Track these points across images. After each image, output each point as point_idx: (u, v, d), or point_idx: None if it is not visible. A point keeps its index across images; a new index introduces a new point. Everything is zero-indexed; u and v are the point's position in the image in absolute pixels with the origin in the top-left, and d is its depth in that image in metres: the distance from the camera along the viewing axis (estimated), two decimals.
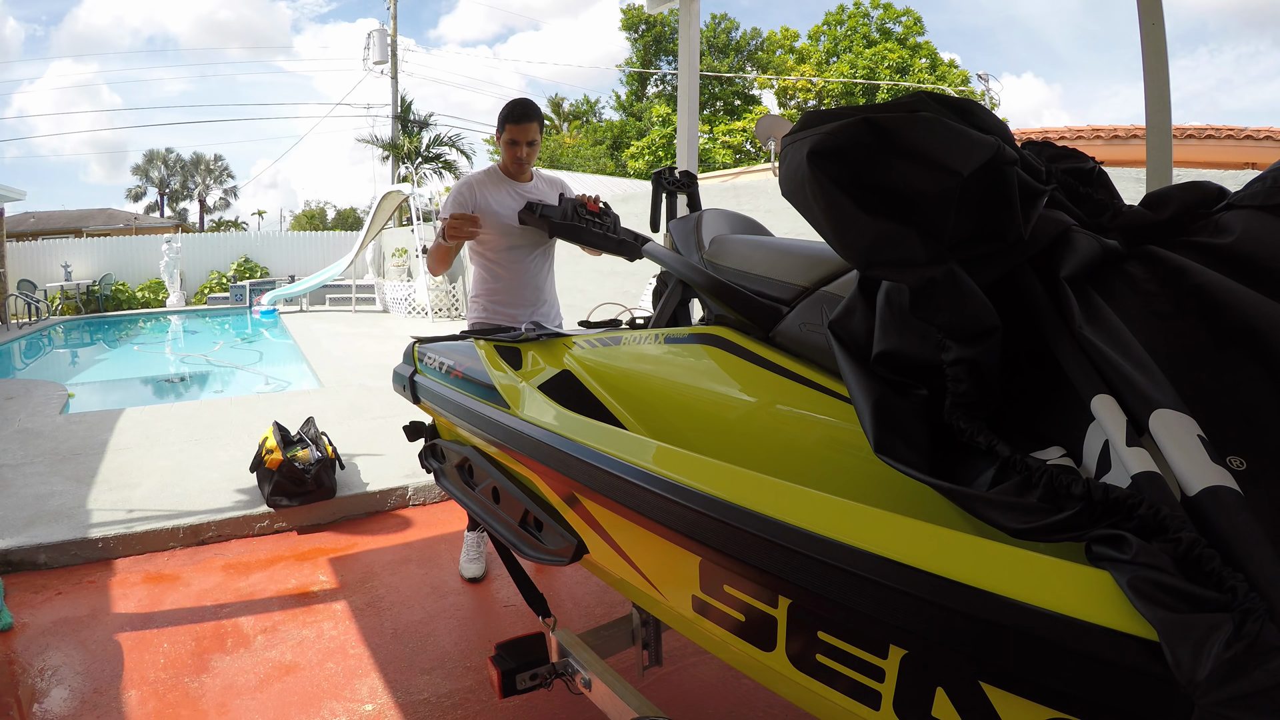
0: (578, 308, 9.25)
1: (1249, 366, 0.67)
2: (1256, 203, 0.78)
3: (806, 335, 1.10)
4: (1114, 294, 0.76)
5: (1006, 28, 54.57)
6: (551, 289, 2.67)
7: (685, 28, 2.94)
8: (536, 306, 2.57)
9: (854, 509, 0.71)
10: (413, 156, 19.49)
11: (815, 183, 0.74)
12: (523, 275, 2.55)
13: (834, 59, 24.10)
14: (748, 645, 0.88)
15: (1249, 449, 0.63)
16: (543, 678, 1.60)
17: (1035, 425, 0.74)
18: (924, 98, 0.78)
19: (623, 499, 0.98)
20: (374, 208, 13.27)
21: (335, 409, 4.99)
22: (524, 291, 2.56)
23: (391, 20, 21.09)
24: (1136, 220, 0.85)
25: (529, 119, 2.44)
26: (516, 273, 2.54)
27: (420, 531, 3.24)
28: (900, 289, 0.81)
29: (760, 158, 19.96)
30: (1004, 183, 0.73)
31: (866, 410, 0.78)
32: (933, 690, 0.67)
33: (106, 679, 2.08)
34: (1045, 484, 0.63)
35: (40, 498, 3.26)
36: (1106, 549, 0.55)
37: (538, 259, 2.58)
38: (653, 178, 2.02)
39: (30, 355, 10.01)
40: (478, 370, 1.47)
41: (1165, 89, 1.84)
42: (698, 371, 1.28)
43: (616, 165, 25.46)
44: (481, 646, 2.28)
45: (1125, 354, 0.68)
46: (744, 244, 1.34)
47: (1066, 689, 0.54)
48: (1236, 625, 0.47)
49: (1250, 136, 7.62)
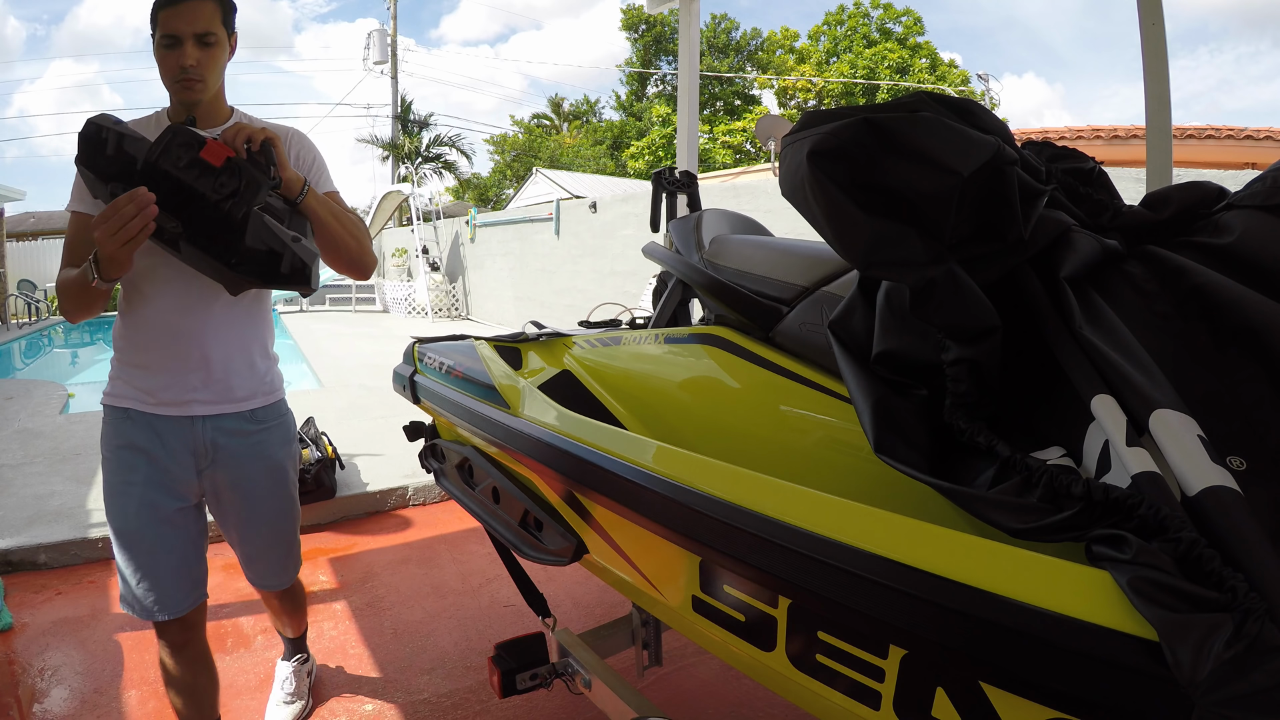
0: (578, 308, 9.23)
1: (1249, 366, 0.67)
2: (1256, 203, 0.78)
3: (806, 335, 1.10)
4: (1114, 294, 0.76)
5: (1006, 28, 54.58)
6: (246, 339, 1.48)
7: (685, 28, 2.94)
8: (193, 372, 1.43)
9: (854, 509, 0.71)
10: (413, 157, 19.49)
11: (815, 183, 0.74)
12: (166, 311, 1.40)
13: (834, 59, 24.09)
14: (748, 645, 0.88)
15: (1249, 449, 0.63)
16: (543, 678, 1.60)
17: (1035, 425, 0.74)
18: (924, 98, 0.78)
19: (623, 499, 0.98)
20: (374, 208, 13.28)
21: (335, 409, 4.99)
22: (165, 342, 1.41)
23: (392, 20, 21.08)
24: (1136, 220, 0.85)
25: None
26: (158, 306, 1.40)
27: (420, 531, 3.24)
28: (900, 289, 0.81)
29: (760, 158, 19.96)
30: (1004, 183, 0.73)
31: (866, 410, 0.78)
32: (933, 690, 0.67)
33: (106, 679, 2.08)
34: (1045, 484, 0.63)
35: (40, 498, 3.26)
36: (1106, 549, 0.55)
37: (195, 278, 1.37)
38: (653, 178, 2.02)
39: (30, 355, 10.01)
40: (478, 370, 1.47)
41: (1165, 89, 1.84)
42: (698, 371, 1.28)
43: (616, 165, 25.46)
44: (481, 646, 2.28)
45: (1125, 354, 0.68)
46: (744, 244, 1.34)
47: (1066, 689, 0.54)
48: (1236, 625, 0.47)
49: (1250, 136, 7.61)
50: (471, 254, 11.86)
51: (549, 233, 9.48)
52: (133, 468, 1.46)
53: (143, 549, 1.47)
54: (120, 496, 1.47)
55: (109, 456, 1.49)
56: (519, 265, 10.34)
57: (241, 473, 1.54)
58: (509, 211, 13.40)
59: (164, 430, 1.46)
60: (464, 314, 12.02)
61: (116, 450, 1.48)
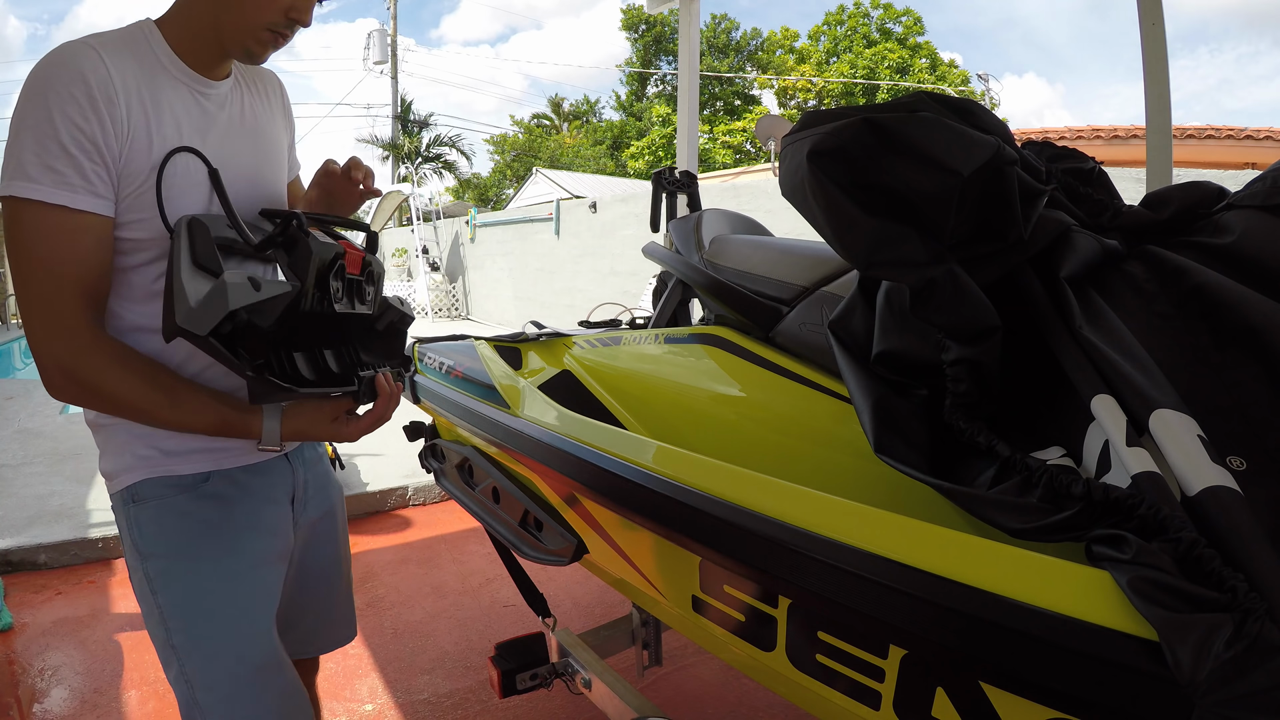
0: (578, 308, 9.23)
1: (1249, 366, 0.67)
2: (1256, 203, 0.78)
3: (806, 335, 1.10)
4: (1114, 294, 0.76)
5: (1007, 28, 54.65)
6: None
7: (685, 28, 2.93)
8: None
9: (854, 509, 0.71)
10: (413, 157, 19.50)
11: (815, 183, 0.74)
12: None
13: (834, 59, 24.09)
14: (748, 645, 0.88)
15: (1249, 449, 0.63)
16: (543, 678, 1.60)
17: (1035, 425, 0.74)
18: (924, 98, 0.78)
19: (623, 499, 0.98)
20: (374, 208, 13.26)
21: None
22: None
23: (392, 20, 21.09)
24: (1136, 220, 0.85)
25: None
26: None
27: (420, 531, 3.24)
28: (900, 289, 0.81)
29: (760, 158, 19.97)
30: (1004, 183, 0.73)
31: (866, 410, 0.78)
32: (933, 690, 0.67)
33: (106, 679, 2.08)
34: (1045, 484, 0.63)
35: (40, 498, 3.26)
36: (1106, 549, 0.55)
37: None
38: (653, 178, 2.02)
39: (30, 355, 10.00)
40: (477, 370, 1.47)
41: (1165, 89, 1.84)
42: (698, 371, 1.28)
43: (616, 165, 25.47)
44: (481, 646, 2.28)
45: (1125, 354, 0.68)
46: (744, 244, 1.34)
47: (1066, 689, 0.54)
48: (1236, 625, 0.47)
49: (1250, 136, 7.61)
50: (471, 254, 11.86)
51: (549, 233, 9.49)
52: (238, 553, 0.98)
53: (288, 676, 1.00)
54: (240, 614, 0.96)
55: (181, 556, 0.94)
56: (519, 265, 10.35)
57: (328, 504, 1.19)
58: (509, 211, 13.41)
59: (258, 485, 1.02)
60: (464, 314, 12.02)
61: (196, 541, 0.95)
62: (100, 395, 0.87)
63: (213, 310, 0.79)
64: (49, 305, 0.84)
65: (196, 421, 0.90)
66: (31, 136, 0.81)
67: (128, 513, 0.94)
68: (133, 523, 0.94)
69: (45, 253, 0.83)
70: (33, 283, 0.84)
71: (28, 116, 0.82)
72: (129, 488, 0.94)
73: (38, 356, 0.87)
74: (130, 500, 0.94)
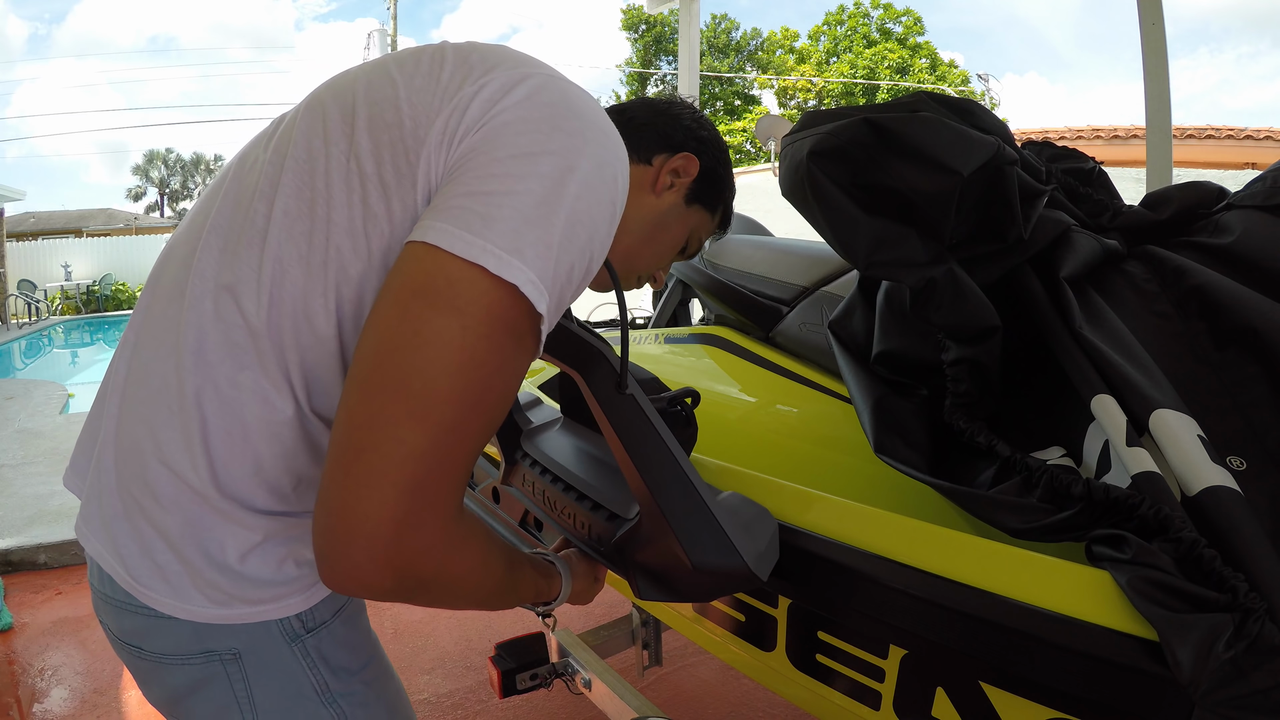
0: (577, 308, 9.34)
1: (1249, 366, 0.67)
2: (1256, 203, 0.78)
3: (806, 335, 1.10)
4: (1114, 294, 0.76)
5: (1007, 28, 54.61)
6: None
7: (685, 28, 2.93)
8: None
9: (854, 509, 0.71)
10: None
11: (815, 183, 0.74)
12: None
13: (834, 59, 24.11)
14: (748, 645, 0.88)
15: (1249, 449, 0.63)
16: (543, 678, 1.60)
17: (1035, 425, 0.74)
18: (924, 98, 0.78)
19: None
20: None
21: None
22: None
23: (392, 20, 21.10)
24: (1136, 220, 0.85)
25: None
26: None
27: None
28: (900, 289, 0.81)
29: (760, 158, 19.97)
30: (1004, 183, 0.73)
31: (866, 410, 0.78)
32: (933, 690, 0.67)
33: (106, 679, 2.08)
34: (1045, 484, 0.63)
35: (40, 498, 3.26)
36: (1106, 549, 0.55)
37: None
38: None
39: (30, 355, 10.01)
40: None
41: (1165, 89, 1.84)
42: (698, 371, 1.28)
43: None
44: (481, 646, 2.28)
45: (1125, 354, 0.68)
46: (744, 244, 1.34)
47: (1066, 689, 0.54)
48: (1236, 625, 0.47)
49: (1250, 136, 7.61)
50: None
51: None
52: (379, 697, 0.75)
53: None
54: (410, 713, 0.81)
55: (365, 670, 0.74)
56: None
57: None
58: None
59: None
60: None
61: (369, 651, 0.77)
62: (434, 592, 0.55)
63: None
64: (445, 460, 0.48)
65: (524, 597, 0.72)
66: (564, 221, 0.51)
67: (302, 645, 0.66)
68: (310, 654, 0.67)
69: (499, 384, 0.51)
70: (443, 414, 0.47)
71: (568, 194, 0.51)
72: (305, 613, 0.65)
73: (368, 527, 0.46)
74: (303, 631, 0.66)
